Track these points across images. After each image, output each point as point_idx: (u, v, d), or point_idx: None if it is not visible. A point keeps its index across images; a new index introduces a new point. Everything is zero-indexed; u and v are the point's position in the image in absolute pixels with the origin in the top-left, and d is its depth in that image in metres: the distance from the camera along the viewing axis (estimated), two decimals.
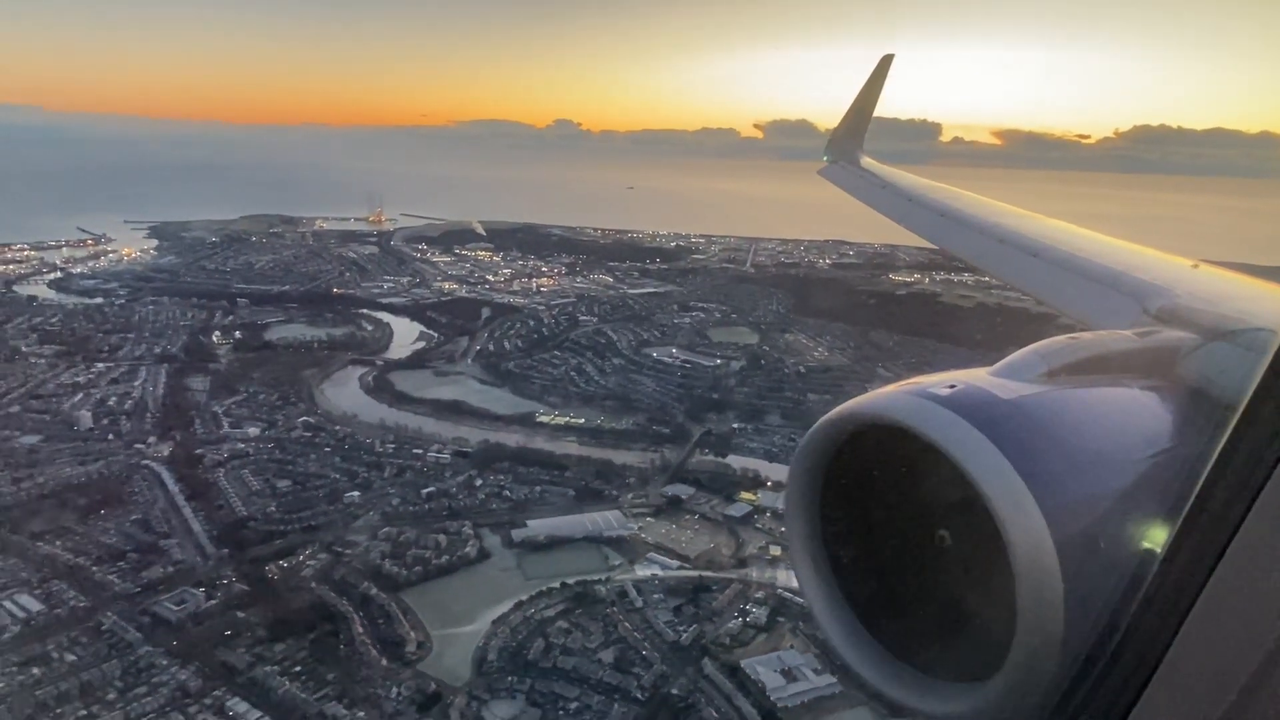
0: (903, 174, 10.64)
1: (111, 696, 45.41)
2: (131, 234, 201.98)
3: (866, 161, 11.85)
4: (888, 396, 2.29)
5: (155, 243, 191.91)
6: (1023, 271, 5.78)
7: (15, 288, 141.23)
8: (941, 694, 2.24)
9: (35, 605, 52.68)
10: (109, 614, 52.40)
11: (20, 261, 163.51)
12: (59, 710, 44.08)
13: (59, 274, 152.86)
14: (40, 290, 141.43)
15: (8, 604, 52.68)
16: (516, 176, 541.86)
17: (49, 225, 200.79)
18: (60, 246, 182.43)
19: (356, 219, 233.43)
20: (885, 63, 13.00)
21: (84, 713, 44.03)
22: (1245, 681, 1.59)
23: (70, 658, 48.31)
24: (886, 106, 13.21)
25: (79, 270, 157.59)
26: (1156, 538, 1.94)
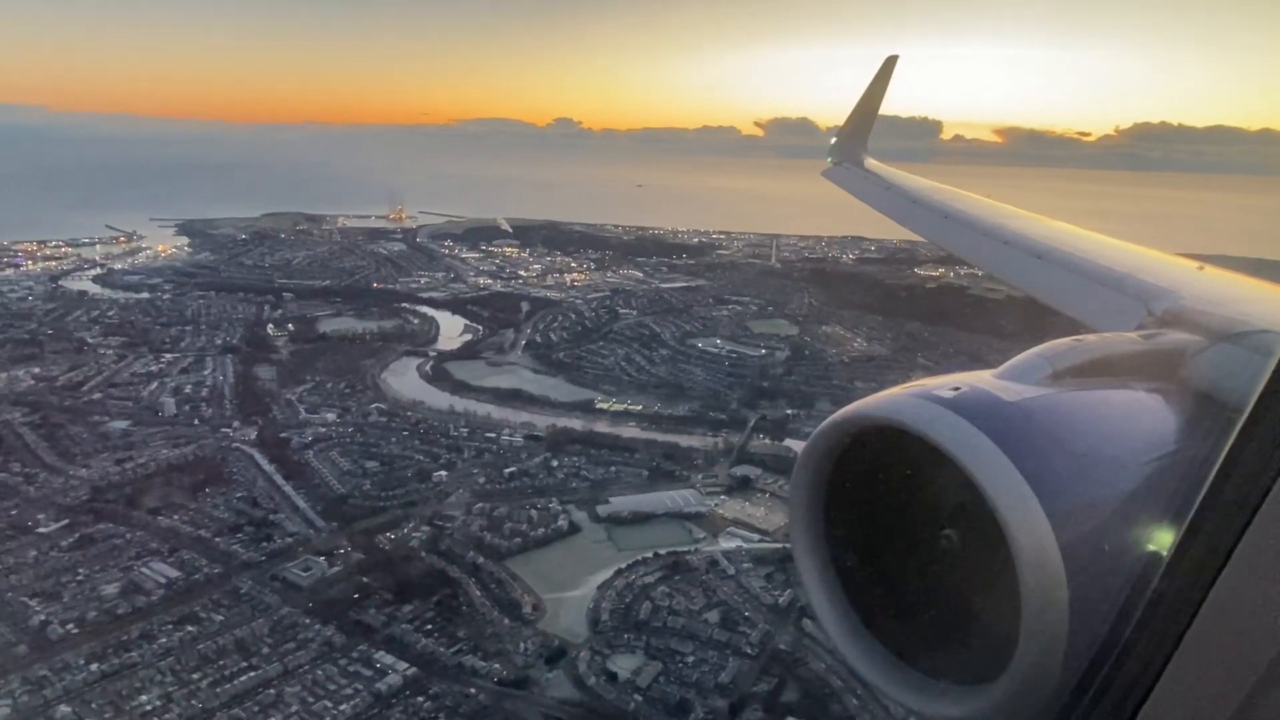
0: (907, 175, 10.69)
1: (265, 650, 49.13)
2: (160, 231, 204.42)
3: (870, 163, 11.88)
4: (892, 399, 2.30)
5: (185, 240, 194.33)
6: (1027, 273, 5.78)
7: (62, 283, 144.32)
8: (945, 697, 2.25)
9: (172, 572, 56.24)
10: (243, 579, 56.05)
11: (60, 258, 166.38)
12: (221, 662, 47.71)
13: (101, 270, 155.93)
14: (86, 285, 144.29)
15: (146, 570, 56.28)
16: (524, 174, 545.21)
17: (77, 223, 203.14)
18: (94, 243, 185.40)
19: (377, 216, 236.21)
20: (889, 64, 13.09)
21: (245, 664, 47.69)
22: (1251, 686, 1.59)
23: (218, 617, 51.99)
24: (888, 105, 13.37)
25: (120, 266, 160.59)
26: (1162, 541, 1.94)
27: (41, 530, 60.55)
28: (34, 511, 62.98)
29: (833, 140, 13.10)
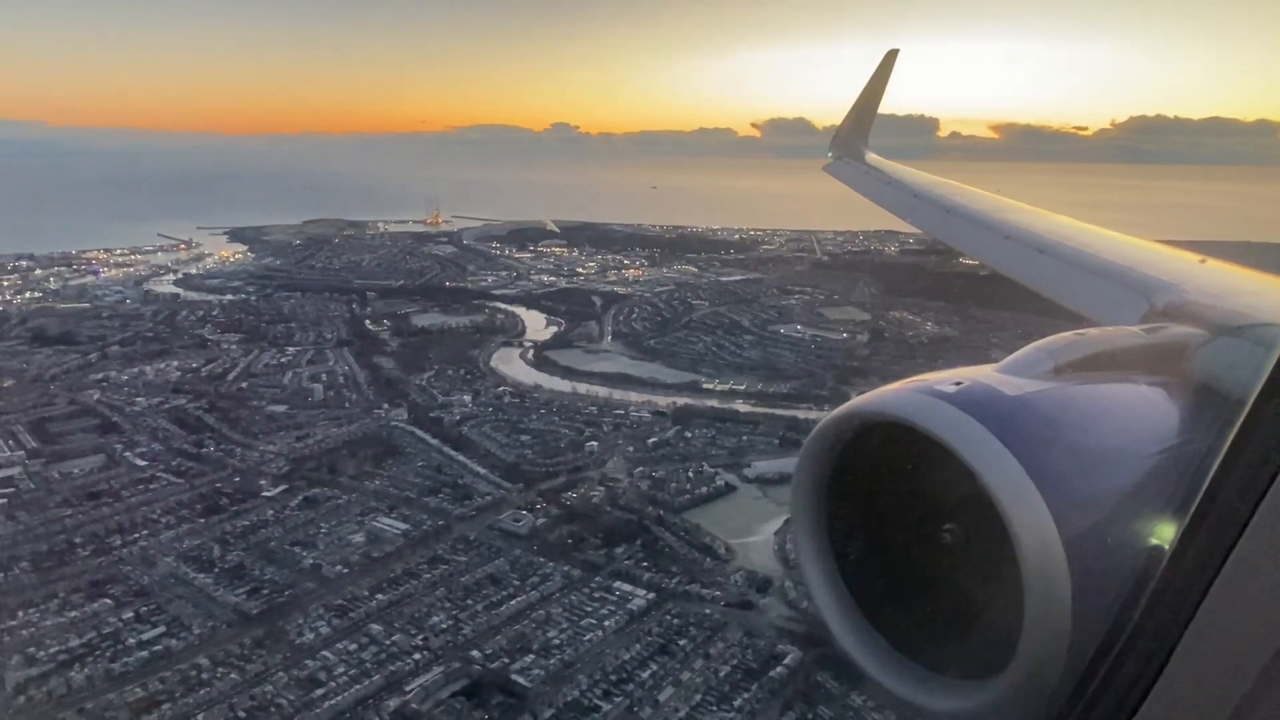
0: (908, 170, 10.73)
1: (515, 584, 55.93)
2: (212, 238, 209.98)
3: (871, 158, 11.90)
4: (894, 394, 2.34)
5: (243, 246, 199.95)
6: (1029, 267, 5.77)
7: (148, 287, 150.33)
8: (948, 691, 2.27)
9: (401, 525, 62.91)
10: (467, 529, 62.79)
11: (131, 264, 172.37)
12: (484, 592, 54.55)
13: (177, 275, 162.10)
14: (170, 289, 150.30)
15: (377, 524, 62.93)
16: (534, 178, 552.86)
17: (126, 232, 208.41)
18: (156, 251, 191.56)
19: (415, 221, 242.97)
20: (890, 58, 13.10)
21: (504, 593, 54.53)
22: (1254, 679, 1.59)
23: (462, 559, 58.75)
24: (885, 102, 13.37)
25: (194, 271, 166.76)
26: (1164, 534, 1.95)
27: (266, 494, 67.21)
28: (250, 479, 69.62)
29: (834, 136, 13.26)
